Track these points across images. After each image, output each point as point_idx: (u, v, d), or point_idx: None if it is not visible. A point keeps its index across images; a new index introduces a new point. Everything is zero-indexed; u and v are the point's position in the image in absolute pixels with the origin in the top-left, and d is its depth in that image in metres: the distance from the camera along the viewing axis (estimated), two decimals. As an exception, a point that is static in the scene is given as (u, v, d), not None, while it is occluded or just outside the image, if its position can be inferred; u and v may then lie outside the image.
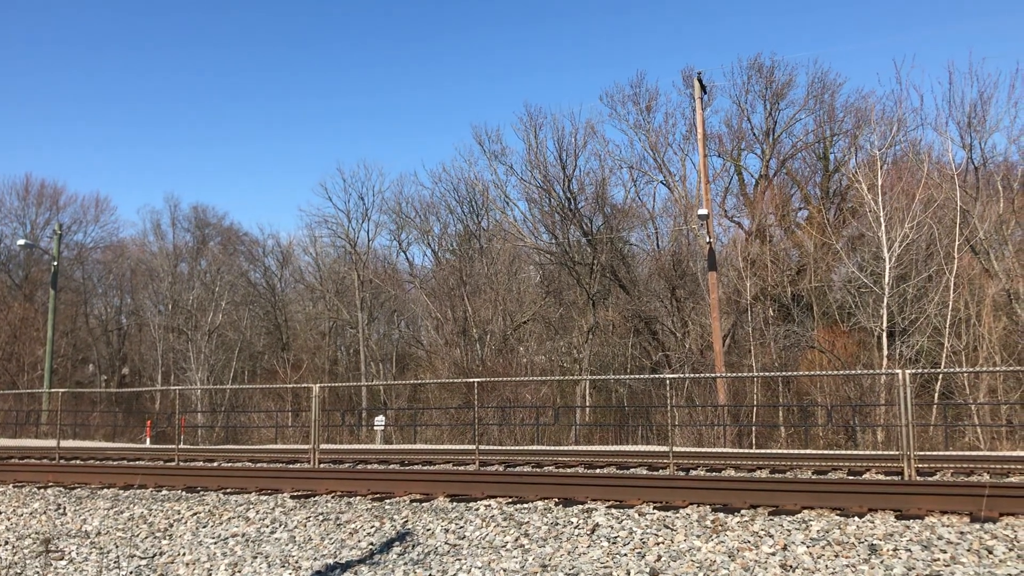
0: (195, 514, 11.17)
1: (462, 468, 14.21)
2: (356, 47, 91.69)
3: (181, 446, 17.76)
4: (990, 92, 34.93)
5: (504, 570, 8.07)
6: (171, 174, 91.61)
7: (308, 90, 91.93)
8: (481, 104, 79.74)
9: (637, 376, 29.15)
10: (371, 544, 9.29)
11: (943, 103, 55.22)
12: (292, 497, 11.76)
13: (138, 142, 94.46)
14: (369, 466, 15.04)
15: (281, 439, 31.59)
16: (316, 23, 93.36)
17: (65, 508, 12.07)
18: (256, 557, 9.33)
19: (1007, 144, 36.18)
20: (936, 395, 28.41)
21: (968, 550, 7.44)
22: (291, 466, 15.37)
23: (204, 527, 10.64)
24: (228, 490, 12.64)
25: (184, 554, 9.72)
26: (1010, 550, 7.37)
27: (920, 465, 12.16)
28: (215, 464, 16.54)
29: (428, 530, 9.51)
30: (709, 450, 21.03)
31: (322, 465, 15.21)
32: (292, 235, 78.26)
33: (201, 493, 12.58)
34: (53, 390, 28.17)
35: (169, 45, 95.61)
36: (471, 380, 15.08)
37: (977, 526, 8.12)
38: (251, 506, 11.39)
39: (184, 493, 12.65)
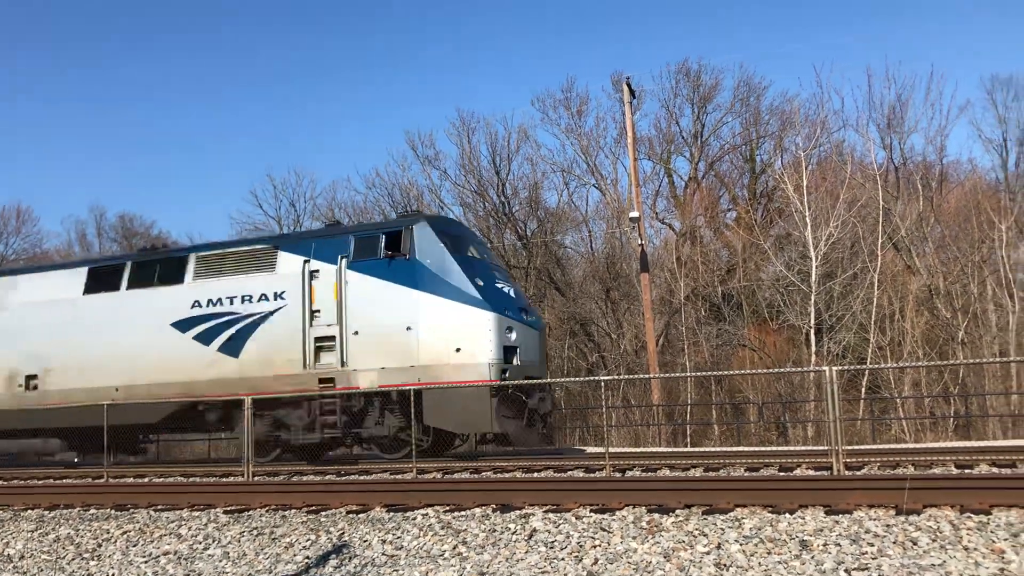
0: (125, 533, 10.91)
1: (399, 477, 14.12)
2: (286, 54, 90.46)
3: (111, 462, 17.32)
4: (907, 94, 35.92)
5: (442, 579, 8.05)
6: (97, 183, 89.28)
7: (237, 97, 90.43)
8: (413, 109, 79.39)
9: (573, 379, 29.32)
10: (307, 558, 9.18)
11: (863, 105, 56.78)
12: (226, 512, 11.55)
13: (62, 151, 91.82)
14: (305, 478, 14.85)
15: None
16: (243, 31, 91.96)
17: (-13, 531, 11.66)
18: (189, 575, 9.15)
19: (924, 144, 37.44)
20: (863, 390, 29.18)
21: (894, 542, 7.65)
22: (224, 480, 15.09)
23: (134, 546, 10.39)
24: (159, 507, 12.36)
25: (113, 575, 9.49)
26: (933, 541, 7.60)
27: (848, 459, 12.45)
28: (146, 480, 16.15)
29: (365, 541, 9.43)
30: (645, 450, 21.27)
31: (256, 478, 14.97)
32: (222, 243, 76.65)
33: (131, 511, 12.27)
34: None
35: (93, 50, 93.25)
36: (406, 386, 14.98)
37: (902, 519, 8.35)
38: (183, 522, 11.16)
39: (113, 511, 12.33)
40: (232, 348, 17.36)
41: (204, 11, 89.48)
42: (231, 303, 17.49)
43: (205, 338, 17.60)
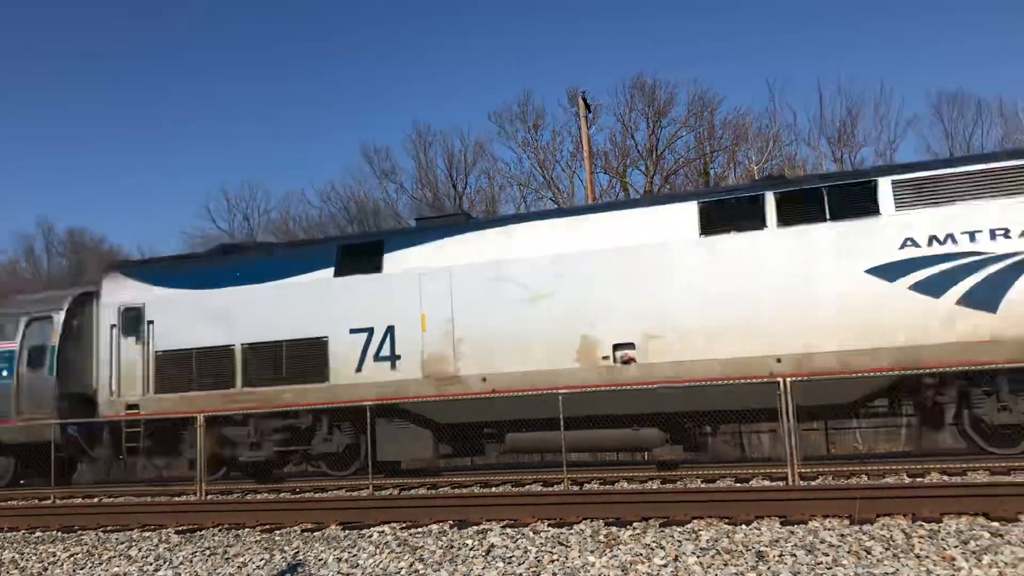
0: (72, 555, 10.64)
1: (355, 494, 13.99)
2: (238, 65, 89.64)
3: (58, 483, 16.89)
4: (857, 109, 36.68)
5: (399, 597, 7.95)
6: (45, 198, 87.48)
7: (191, 109, 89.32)
8: (369, 122, 79.03)
9: (519, 393, 29.30)
10: (261, 578, 9.02)
11: (815, 120, 57.66)
12: (177, 532, 11.34)
13: (7, 165, 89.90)
14: (259, 495, 14.65)
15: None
16: (197, 40, 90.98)
17: (-73, 556, 11.31)
18: (138, 598, 8.94)
19: (875, 158, 38.28)
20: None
21: (848, 552, 7.72)
22: (177, 499, 14.84)
23: (82, 569, 10.14)
24: (108, 528, 12.09)
25: (60, 599, 9.25)
26: (886, 550, 7.69)
27: (803, 470, 12.58)
28: (95, 500, 15.82)
29: (320, 560, 9.30)
30: (603, 462, 21.29)
31: (209, 496, 14.73)
32: (175, 258, 75.36)
33: (79, 532, 11.98)
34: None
35: (36, 62, 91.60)
36: (363, 403, 14.81)
37: (856, 528, 8.44)
38: (133, 543, 10.93)
39: (60, 533, 12.03)
40: (983, 299, 13.20)
41: (151, 21, 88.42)
42: (972, 240, 13.31)
43: (932, 288, 13.41)
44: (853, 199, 14.07)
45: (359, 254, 16.77)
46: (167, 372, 17.41)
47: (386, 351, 15.89)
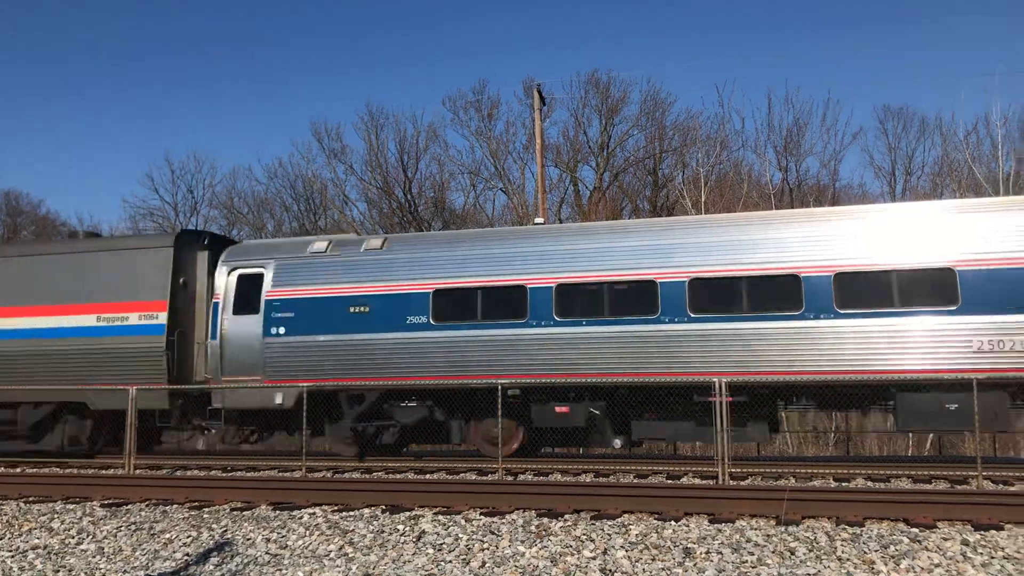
0: (-9, 525, 10.37)
1: (287, 475, 13.84)
2: (190, 34, 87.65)
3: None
4: (804, 119, 37.35)
5: (327, 580, 7.90)
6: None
7: (135, 77, 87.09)
8: (321, 100, 77.93)
9: (455, 382, 29.33)
10: (187, 555, 8.89)
11: (763, 127, 58.55)
12: (103, 505, 11.12)
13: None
14: (188, 472, 14.42)
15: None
16: (146, 7, 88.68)
17: None
18: (58, 571, 8.75)
19: (819, 167, 39.03)
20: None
21: (773, 552, 7.87)
22: (104, 472, 14.53)
23: (0, 539, 9.89)
24: (31, 498, 11.81)
25: (-24, 569, 9.00)
26: (810, 551, 7.86)
27: (733, 470, 12.76)
28: (18, 470, 15.41)
29: (248, 539, 9.20)
30: (539, 455, 21.35)
31: (138, 471, 14.45)
32: (114, 227, 73.47)
33: (-1, 502, 11.70)
34: None
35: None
36: (299, 385, 14.65)
37: (782, 529, 8.61)
38: (56, 515, 10.69)
39: (-21, 502, 11.72)
40: None
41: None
42: None
43: None
44: None
45: None
46: None
47: None
